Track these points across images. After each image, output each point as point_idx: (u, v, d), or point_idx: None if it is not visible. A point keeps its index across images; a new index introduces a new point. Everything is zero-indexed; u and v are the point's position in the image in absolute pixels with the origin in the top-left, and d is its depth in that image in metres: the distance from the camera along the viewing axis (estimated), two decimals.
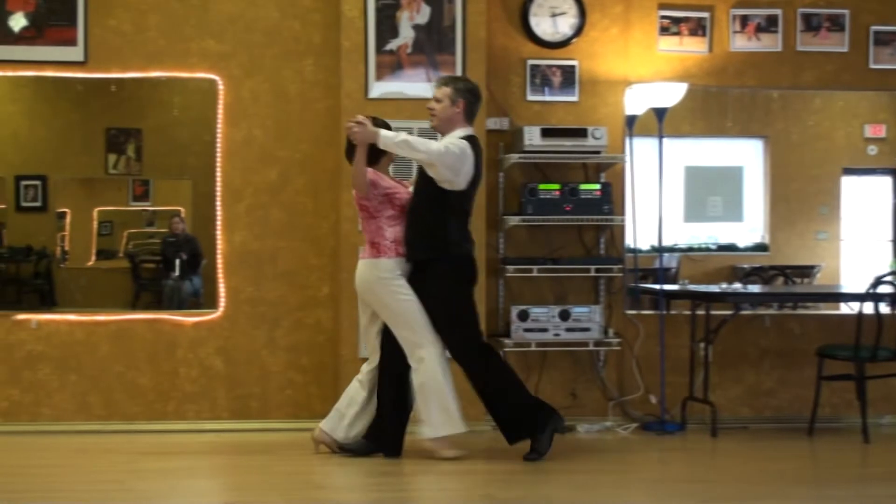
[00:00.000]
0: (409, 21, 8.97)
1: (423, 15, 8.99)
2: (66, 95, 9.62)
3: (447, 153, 7.52)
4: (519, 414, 7.75)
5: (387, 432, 7.74)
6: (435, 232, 7.69)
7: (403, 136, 7.61)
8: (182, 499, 6.97)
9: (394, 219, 7.73)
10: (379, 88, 8.90)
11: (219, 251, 9.08)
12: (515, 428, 7.75)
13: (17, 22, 8.87)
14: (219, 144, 9.08)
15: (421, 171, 7.75)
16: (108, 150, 9.95)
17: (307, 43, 9.17)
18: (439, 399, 7.64)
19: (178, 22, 9.04)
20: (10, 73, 9.03)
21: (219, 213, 9.08)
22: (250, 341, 9.07)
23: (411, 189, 7.87)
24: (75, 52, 8.94)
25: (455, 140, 7.62)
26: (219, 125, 9.07)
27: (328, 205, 9.13)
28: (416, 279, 7.72)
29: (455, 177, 7.58)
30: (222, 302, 9.06)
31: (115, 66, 9.00)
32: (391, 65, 8.77)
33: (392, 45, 8.96)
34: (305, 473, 7.51)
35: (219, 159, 9.08)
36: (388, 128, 7.73)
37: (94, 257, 10.23)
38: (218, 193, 9.08)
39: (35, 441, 8.55)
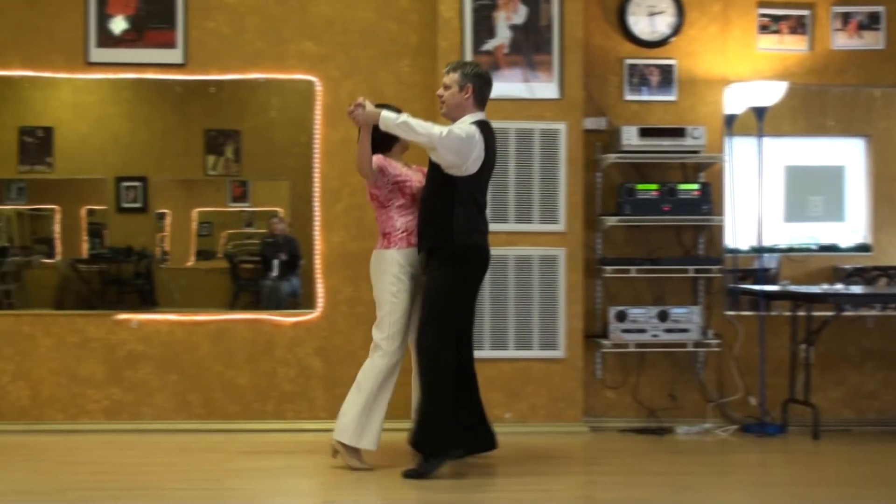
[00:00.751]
0: (506, 21, 8.95)
1: (520, 15, 8.96)
2: (165, 97, 9.70)
3: (450, 136, 7.15)
4: (432, 429, 7.35)
5: (475, 430, 7.64)
6: (440, 220, 7.30)
7: (405, 117, 7.25)
8: (280, 498, 7.01)
9: (404, 208, 7.49)
10: None
11: (317, 251, 9.11)
12: (421, 436, 7.40)
13: (118, 25, 8.97)
14: (316, 145, 9.12)
15: (430, 158, 7.43)
16: (206, 151, 10.03)
17: (404, 44, 9.18)
18: (364, 407, 7.51)
19: (276, 24, 9.09)
20: (111, 76, 9.12)
21: (317, 213, 9.11)
22: (348, 341, 9.10)
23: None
24: (174, 55, 9.02)
25: (462, 125, 7.32)
26: (317, 126, 9.11)
27: None
28: (427, 269, 7.47)
29: (461, 161, 7.19)
30: (320, 302, 9.10)
31: (213, 68, 9.07)
32: (488, 65, 8.73)
33: (489, 45, 8.95)
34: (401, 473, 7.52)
35: (317, 160, 9.12)
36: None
37: (193, 258, 10.32)
38: (316, 194, 9.12)
39: (136, 440, 8.63)
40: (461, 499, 7.00)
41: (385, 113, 7.26)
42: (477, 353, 7.76)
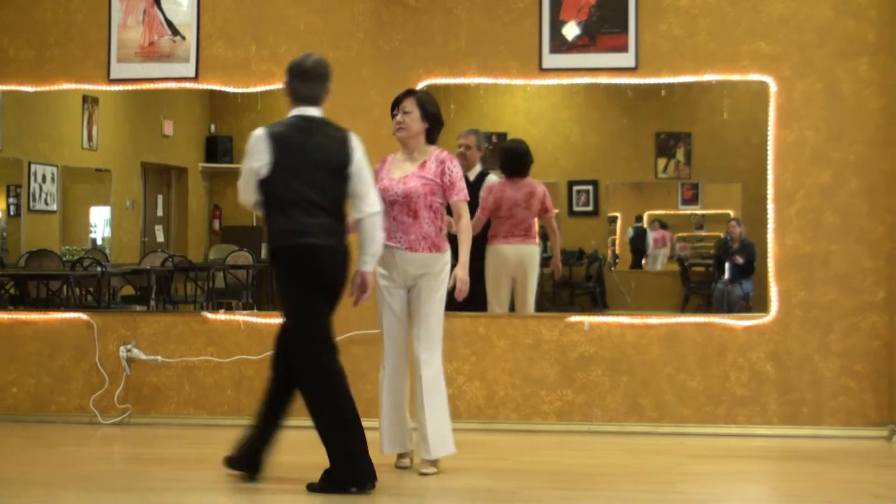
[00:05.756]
0: None
1: None
2: (616, 101, 9.78)
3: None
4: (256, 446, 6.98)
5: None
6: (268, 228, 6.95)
7: None
8: (733, 503, 6.92)
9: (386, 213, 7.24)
10: None
11: (770, 255, 8.91)
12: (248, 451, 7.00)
13: (571, 31, 9.08)
14: (770, 147, 8.91)
15: None
16: (657, 154, 10.04)
17: (861, 41, 8.85)
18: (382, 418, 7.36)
19: (728, 24, 8.96)
20: (564, 81, 9.23)
21: (770, 216, 8.90)
22: (802, 346, 8.86)
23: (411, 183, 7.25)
24: (626, 59, 9.03)
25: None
26: (770, 127, 8.91)
27: (884, 207, 8.78)
28: None
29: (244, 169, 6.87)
30: (774, 306, 8.89)
31: (665, 71, 9.03)
32: None
33: None
34: (858, 482, 7.25)
35: (770, 162, 8.91)
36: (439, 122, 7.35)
37: (643, 261, 10.36)
38: (769, 196, 8.91)
39: (587, 441, 8.72)
40: None
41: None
42: None
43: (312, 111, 6.96)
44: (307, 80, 6.95)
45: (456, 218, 7.29)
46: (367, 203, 6.86)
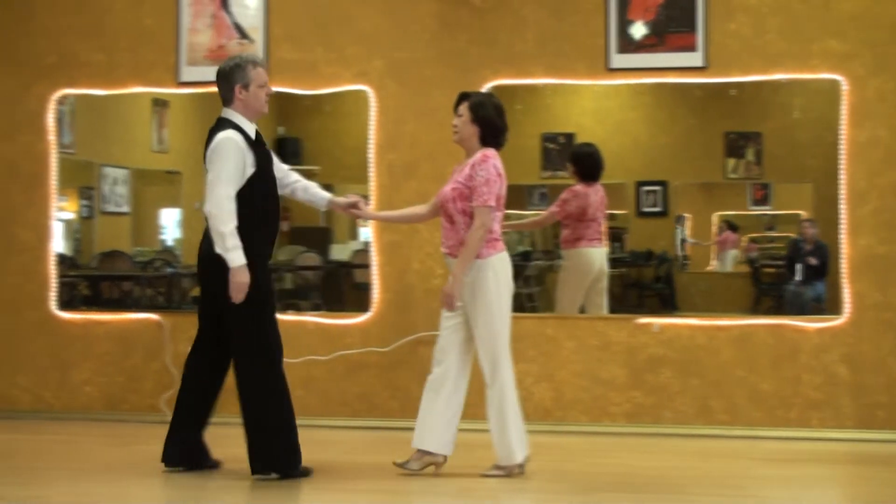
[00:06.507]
0: None
1: None
2: (684, 101, 9.71)
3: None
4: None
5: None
6: None
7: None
8: None
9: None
10: None
11: (843, 256, 8.80)
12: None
13: (638, 30, 9.03)
14: (842, 146, 8.79)
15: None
16: (726, 154, 9.97)
17: None
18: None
19: (799, 22, 8.87)
20: (631, 81, 9.19)
21: (843, 216, 8.79)
22: (876, 348, 8.74)
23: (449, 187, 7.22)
24: (694, 58, 8.95)
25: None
26: (842, 127, 8.79)
27: None
28: None
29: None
30: (847, 308, 8.78)
31: (734, 70, 8.94)
32: None
33: None
34: None
35: (842, 162, 8.80)
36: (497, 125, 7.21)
37: (713, 261, 10.28)
38: (842, 197, 8.79)
39: (657, 443, 8.66)
40: None
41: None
42: None
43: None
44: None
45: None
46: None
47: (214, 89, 7.24)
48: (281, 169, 7.41)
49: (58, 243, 9.86)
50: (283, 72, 9.34)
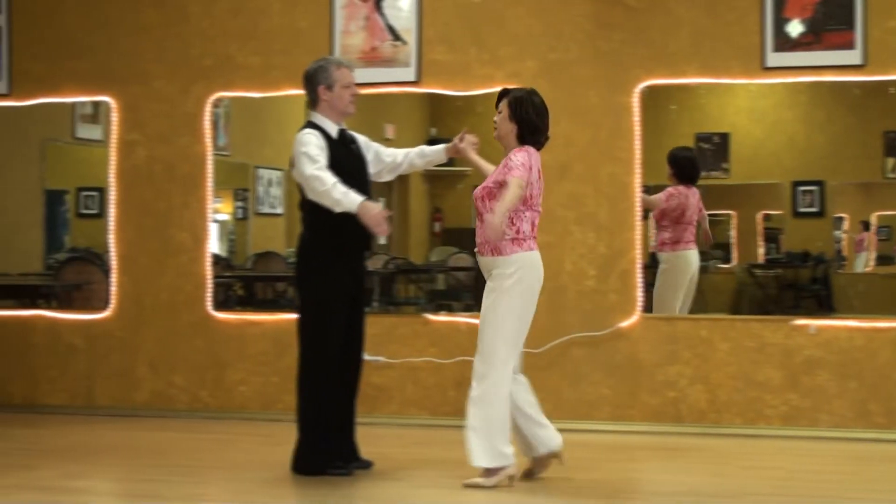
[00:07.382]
0: None
1: None
2: (842, 100, 9.56)
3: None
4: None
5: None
6: None
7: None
8: None
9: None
10: None
11: None
12: None
13: (795, 28, 8.89)
14: None
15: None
16: (885, 153, 9.78)
17: None
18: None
19: None
20: (787, 80, 9.05)
21: None
22: None
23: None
24: (853, 56, 8.78)
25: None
26: None
27: None
28: None
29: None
30: None
31: (894, 68, 8.75)
32: None
33: None
34: None
35: None
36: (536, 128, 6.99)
37: (872, 263, 10.09)
38: None
39: (813, 447, 8.52)
40: None
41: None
42: None
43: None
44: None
45: None
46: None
47: (369, 91, 7.30)
48: (388, 154, 7.50)
49: (213, 244, 10.05)
50: (435, 73, 9.40)
